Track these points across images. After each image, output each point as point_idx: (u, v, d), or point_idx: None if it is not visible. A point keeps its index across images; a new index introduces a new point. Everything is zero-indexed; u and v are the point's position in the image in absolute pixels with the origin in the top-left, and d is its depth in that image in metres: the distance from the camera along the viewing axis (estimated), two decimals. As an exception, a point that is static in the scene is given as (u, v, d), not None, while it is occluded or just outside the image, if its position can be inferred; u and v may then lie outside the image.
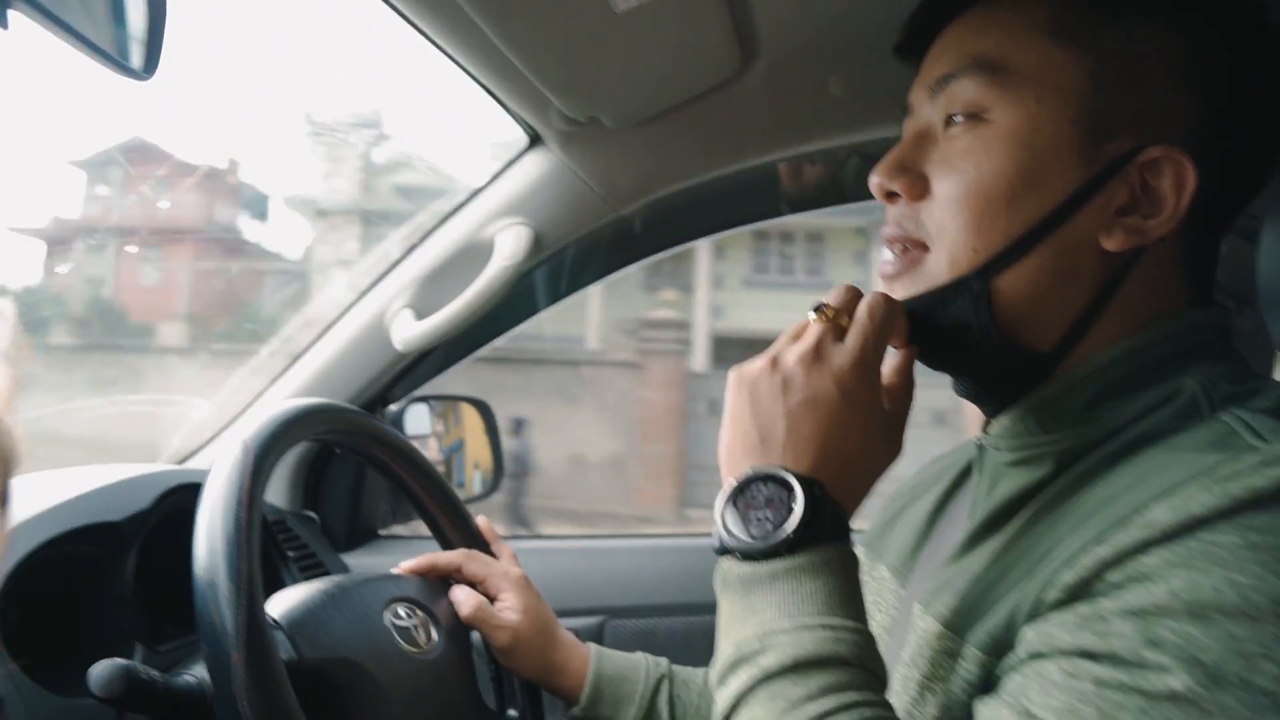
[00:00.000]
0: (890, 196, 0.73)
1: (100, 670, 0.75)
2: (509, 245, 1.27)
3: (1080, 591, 0.54)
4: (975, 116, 0.68)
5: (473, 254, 1.31)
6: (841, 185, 1.40)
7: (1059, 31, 0.67)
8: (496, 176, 1.30)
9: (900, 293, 0.72)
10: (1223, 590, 0.49)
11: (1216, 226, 0.72)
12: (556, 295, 1.50)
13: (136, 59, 0.66)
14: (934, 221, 0.70)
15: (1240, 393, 0.62)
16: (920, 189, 0.71)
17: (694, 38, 1.00)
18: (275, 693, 0.74)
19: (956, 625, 0.65)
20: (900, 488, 0.97)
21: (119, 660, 0.77)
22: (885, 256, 0.75)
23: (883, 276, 0.75)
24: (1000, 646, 0.59)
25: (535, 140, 1.24)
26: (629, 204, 1.31)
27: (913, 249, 0.72)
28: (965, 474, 0.85)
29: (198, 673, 0.90)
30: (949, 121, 0.70)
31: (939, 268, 0.70)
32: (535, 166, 1.27)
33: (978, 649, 0.61)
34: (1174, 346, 0.67)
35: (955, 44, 0.72)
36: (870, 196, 0.77)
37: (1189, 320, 0.68)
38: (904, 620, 0.77)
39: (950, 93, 0.70)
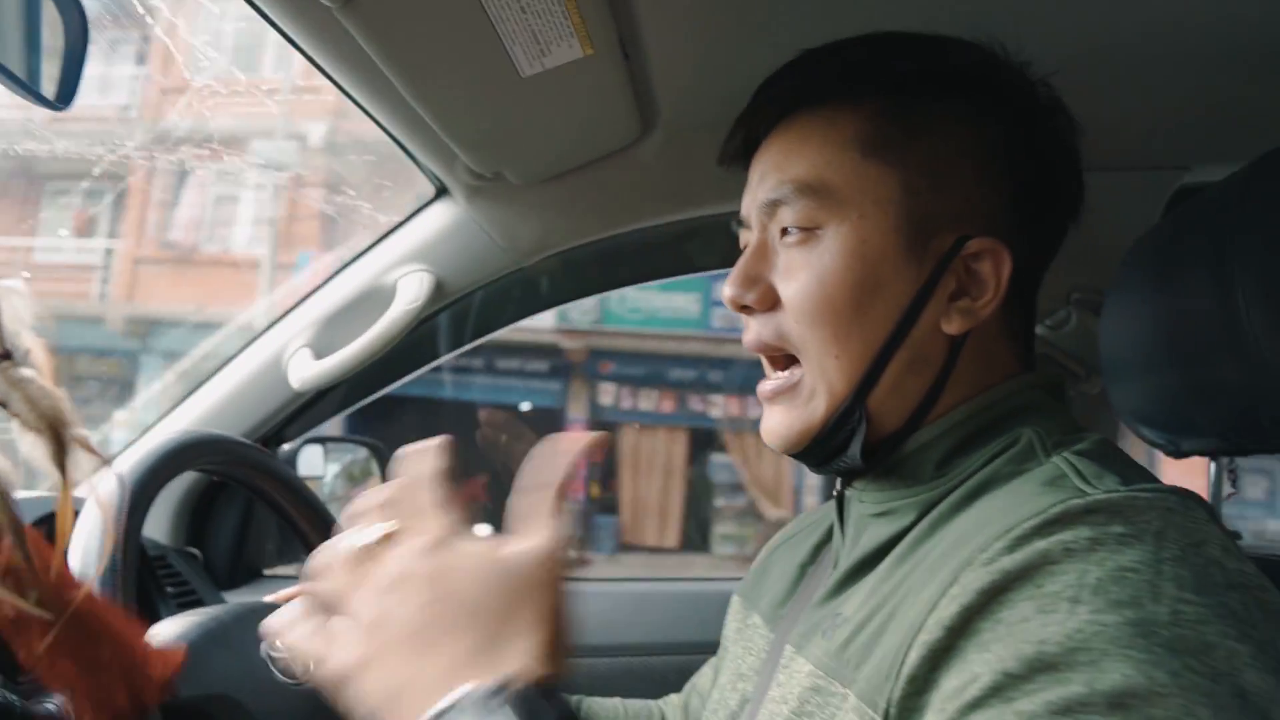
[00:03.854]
0: (744, 309, 0.79)
1: None
2: (411, 290, 1.31)
3: (956, 639, 0.57)
4: (808, 230, 0.75)
5: (375, 298, 1.34)
6: (736, 249, 1.48)
7: (869, 150, 0.74)
8: (402, 224, 1.34)
9: (781, 419, 0.77)
10: (1129, 674, 0.50)
11: (1027, 295, 0.80)
12: (459, 342, 1.53)
13: (52, 88, 0.69)
14: (795, 333, 0.76)
15: (1068, 440, 0.69)
16: (771, 299, 0.77)
17: (596, 105, 1.06)
18: None
19: (830, 667, 0.68)
20: (774, 541, 1.02)
21: None
22: (764, 381, 0.80)
23: (762, 397, 0.80)
24: (878, 696, 0.62)
25: (442, 191, 1.29)
26: (530, 256, 1.36)
27: (786, 363, 0.78)
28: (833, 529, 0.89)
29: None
30: (785, 232, 0.77)
31: (815, 385, 0.75)
32: (441, 217, 1.31)
33: (859, 699, 0.63)
34: (1012, 404, 0.75)
35: (775, 167, 0.78)
36: None
37: (1024, 382, 0.76)
38: (774, 661, 0.81)
39: (781, 214, 0.76)
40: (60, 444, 0.54)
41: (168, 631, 0.87)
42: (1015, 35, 0.79)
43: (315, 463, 1.63)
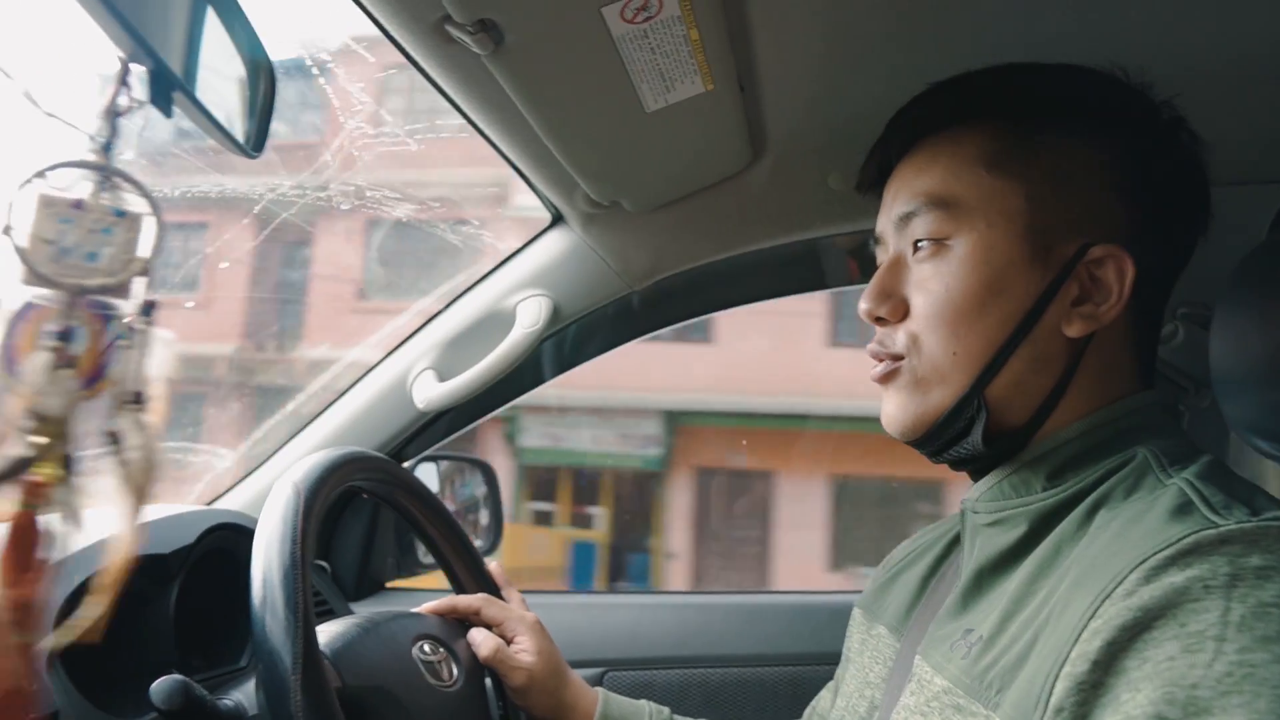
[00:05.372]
0: (878, 320, 0.84)
1: (163, 685, 0.82)
2: (530, 314, 1.38)
3: (1104, 675, 0.59)
4: (938, 242, 0.80)
5: (494, 322, 1.42)
6: (823, 272, 1.53)
7: (993, 165, 0.79)
8: (520, 250, 1.41)
9: (897, 406, 0.82)
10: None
11: (1153, 307, 0.83)
12: (563, 366, 1.60)
13: (247, 137, 0.77)
14: (909, 335, 0.81)
15: (1182, 460, 0.71)
16: (903, 311, 0.82)
17: (711, 135, 1.12)
18: (329, 715, 0.80)
19: (970, 687, 0.70)
20: (895, 554, 1.06)
21: (179, 676, 0.84)
22: (874, 368, 0.85)
23: (874, 380, 0.85)
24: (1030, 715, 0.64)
25: (558, 219, 1.36)
26: (643, 281, 1.42)
27: (890, 360, 0.83)
28: (955, 541, 0.93)
29: (235, 697, 0.97)
30: (916, 247, 0.82)
31: (923, 371, 0.80)
32: (557, 243, 1.38)
33: None
34: (1128, 423, 0.78)
35: (908, 184, 0.83)
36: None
37: (1139, 401, 0.79)
38: (903, 670, 0.84)
39: (913, 227, 0.82)
40: (145, 499, 0.59)
41: (332, 629, 0.94)
42: (1121, 56, 0.82)
43: (430, 480, 1.71)
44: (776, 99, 1.09)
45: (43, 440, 0.51)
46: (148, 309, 0.58)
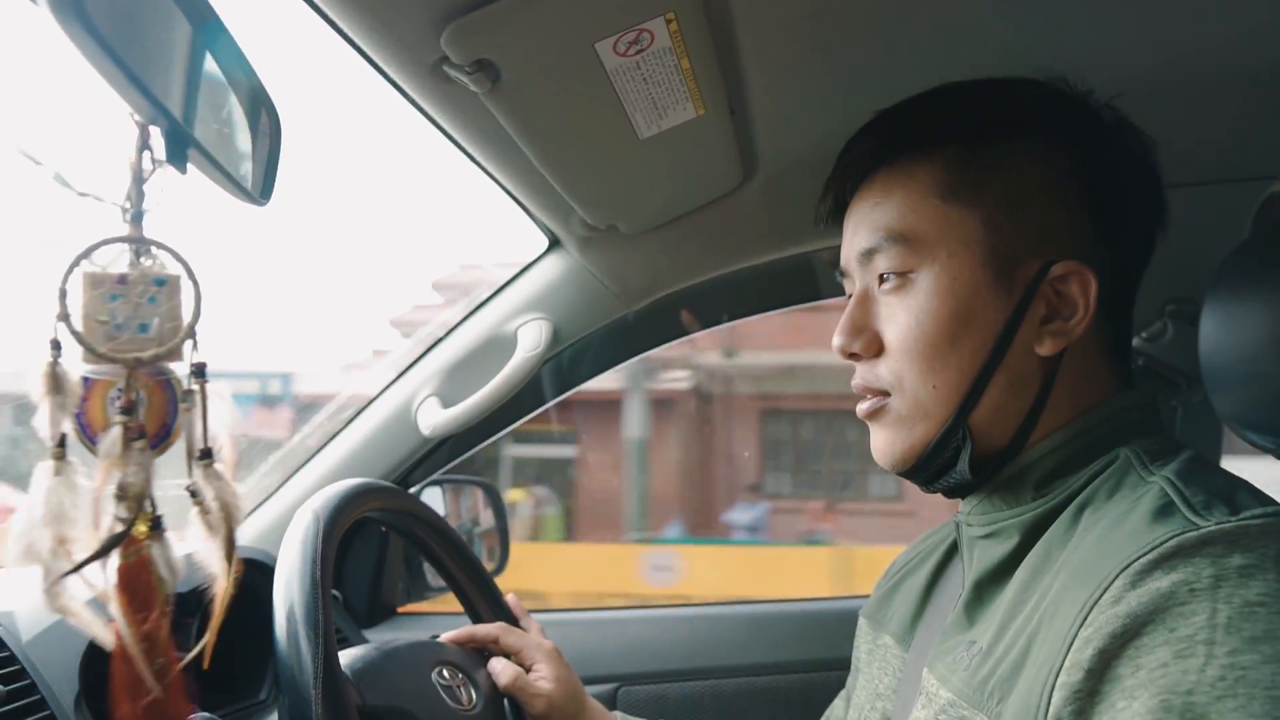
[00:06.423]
0: (852, 355, 0.84)
1: None
2: (531, 338, 1.40)
3: (1098, 683, 0.60)
4: (903, 276, 0.81)
5: (495, 347, 1.44)
6: (817, 284, 1.56)
7: (948, 194, 0.79)
8: (518, 276, 1.43)
9: (884, 440, 0.83)
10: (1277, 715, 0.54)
11: (1120, 311, 0.84)
12: (563, 387, 1.62)
13: (256, 186, 0.79)
14: (891, 372, 0.81)
15: (1164, 457, 0.73)
16: (877, 346, 0.82)
17: (703, 157, 1.15)
18: None
19: (972, 699, 0.71)
20: (896, 563, 1.07)
21: (207, 715, 0.85)
22: (861, 402, 0.86)
23: (861, 416, 0.85)
24: None
25: (555, 243, 1.38)
26: (640, 301, 1.45)
27: (876, 396, 0.83)
28: (954, 548, 0.95)
29: None
30: (882, 279, 0.82)
31: (906, 409, 0.81)
32: (554, 267, 1.40)
33: None
34: (1110, 426, 0.79)
35: (866, 219, 0.84)
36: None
37: (1120, 403, 0.80)
38: (911, 682, 0.86)
39: (876, 262, 0.82)
40: (230, 540, 0.64)
41: (353, 652, 0.96)
42: (1091, 65, 0.84)
43: (436, 504, 1.73)
44: (766, 121, 1.12)
45: (129, 504, 0.55)
46: (200, 370, 0.62)
